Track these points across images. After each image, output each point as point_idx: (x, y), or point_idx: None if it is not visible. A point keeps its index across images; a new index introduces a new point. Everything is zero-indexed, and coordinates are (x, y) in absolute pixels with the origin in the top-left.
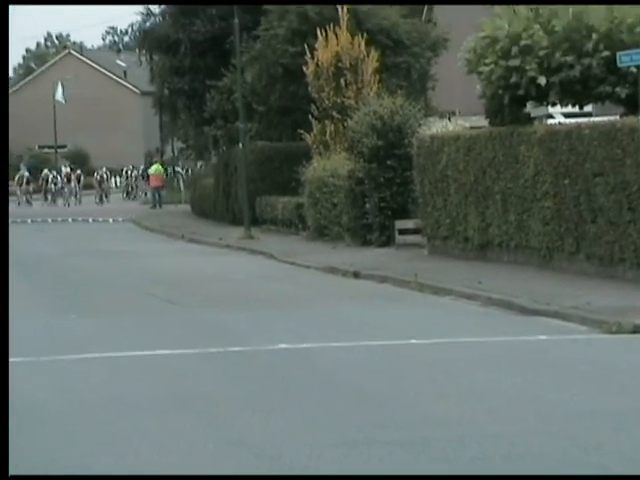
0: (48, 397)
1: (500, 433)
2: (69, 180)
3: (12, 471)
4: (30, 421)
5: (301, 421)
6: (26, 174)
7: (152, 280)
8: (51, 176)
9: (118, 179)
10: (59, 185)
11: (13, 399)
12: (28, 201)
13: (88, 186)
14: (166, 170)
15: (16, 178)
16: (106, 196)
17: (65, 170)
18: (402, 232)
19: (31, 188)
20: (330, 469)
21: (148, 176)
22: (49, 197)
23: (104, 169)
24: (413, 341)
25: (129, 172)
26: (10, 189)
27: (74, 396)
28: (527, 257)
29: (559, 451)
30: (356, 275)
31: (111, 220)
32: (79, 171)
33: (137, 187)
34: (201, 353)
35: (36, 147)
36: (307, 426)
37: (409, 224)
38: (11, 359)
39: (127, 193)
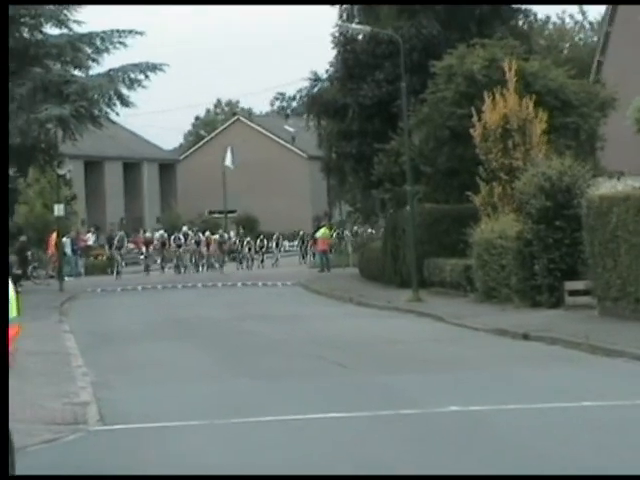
0: (224, 461)
1: None
2: (207, 246)
3: None
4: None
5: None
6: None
7: (321, 343)
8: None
9: (287, 243)
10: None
11: (187, 462)
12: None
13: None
14: (334, 233)
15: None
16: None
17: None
18: (572, 293)
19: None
20: None
21: (315, 240)
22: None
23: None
24: (585, 403)
25: (304, 236)
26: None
27: (249, 459)
28: None
29: None
30: (525, 337)
31: (280, 284)
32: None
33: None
34: (372, 416)
35: (206, 212)
36: None
37: (579, 285)
38: (185, 422)
39: (303, 257)
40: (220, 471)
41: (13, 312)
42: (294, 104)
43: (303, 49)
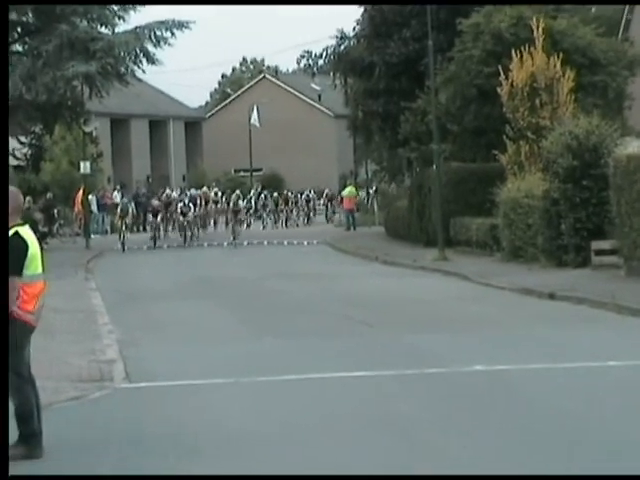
0: (249, 419)
1: None
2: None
3: None
4: (231, 443)
5: (499, 442)
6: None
7: (348, 302)
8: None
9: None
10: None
11: (214, 420)
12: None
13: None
14: (359, 192)
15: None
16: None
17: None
18: (598, 253)
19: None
20: None
21: (342, 198)
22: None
23: (309, 190)
24: (611, 363)
25: (330, 195)
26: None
27: (275, 418)
28: None
29: None
30: (552, 297)
31: (306, 243)
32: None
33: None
34: (398, 375)
35: (232, 171)
36: (505, 446)
37: (605, 245)
38: (210, 381)
39: (326, 216)
40: (244, 431)
41: (39, 269)
42: (321, 62)
43: (330, 7)
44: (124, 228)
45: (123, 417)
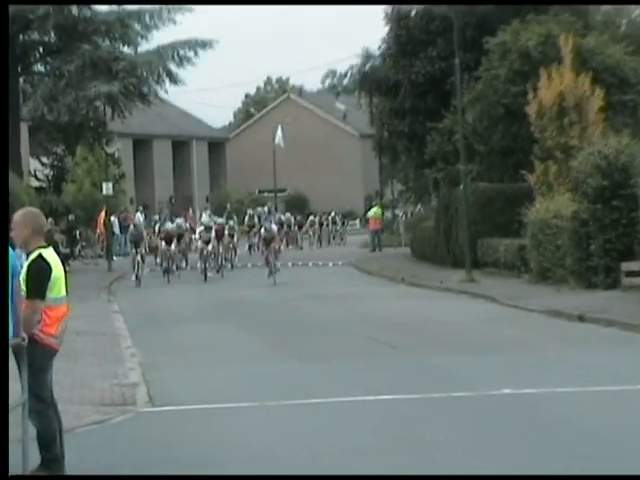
0: (275, 443)
1: None
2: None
3: None
4: (257, 468)
5: (525, 466)
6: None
7: (373, 324)
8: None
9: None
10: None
11: (239, 444)
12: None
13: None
14: (385, 212)
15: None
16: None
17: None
18: (628, 274)
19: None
20: None
21: (367, 219)
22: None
23: (333, 212)
24: None
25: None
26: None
27: (301, 442)
28: None
29: None
30: (581, 319)
31: (331, 264)
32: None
33: None
34: (424, 398)
35: (256, 191)
36: (532, 470)
37: (636, 266)
38: (235, 404)
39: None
40: (270, 454)
41: (62, 292)
42: (345, 81)
43: (355, 26)
44: (139, 258)
45: (146, 441)
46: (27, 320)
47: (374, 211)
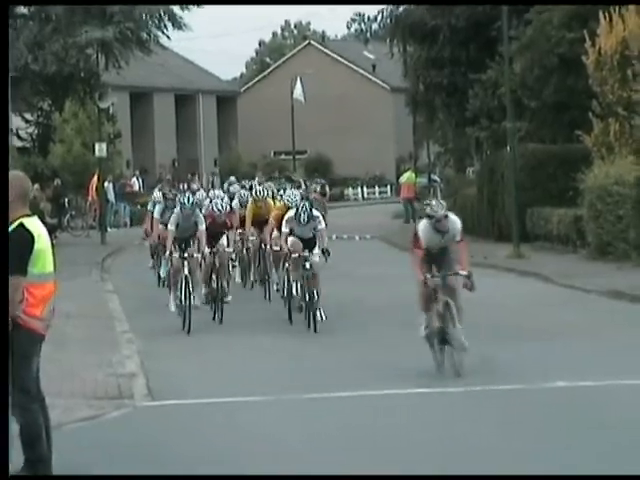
0: (294, 442)
1: None
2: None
3: None
4: (266, 458)
5: (575, 469)
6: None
7: (407, 307)
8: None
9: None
10: None
11: (252, 444)
12: None
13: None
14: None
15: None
16: None
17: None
18: None
19: None
20: None
21: (399, 186)
22: None
23: None
24: None
25: None
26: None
27: (314, 434)
28: None
29: None
30: None
31: (357, 237)
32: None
33: None
34: (465, 392)
35: (271, 154)
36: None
37: None
38: (246, 398)
39: None
40: (287, 455)
41: (48, 267)
42: (375, 27)
43: None
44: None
45: (144, 440)
46: (9, 301)
47: (407, 176)
